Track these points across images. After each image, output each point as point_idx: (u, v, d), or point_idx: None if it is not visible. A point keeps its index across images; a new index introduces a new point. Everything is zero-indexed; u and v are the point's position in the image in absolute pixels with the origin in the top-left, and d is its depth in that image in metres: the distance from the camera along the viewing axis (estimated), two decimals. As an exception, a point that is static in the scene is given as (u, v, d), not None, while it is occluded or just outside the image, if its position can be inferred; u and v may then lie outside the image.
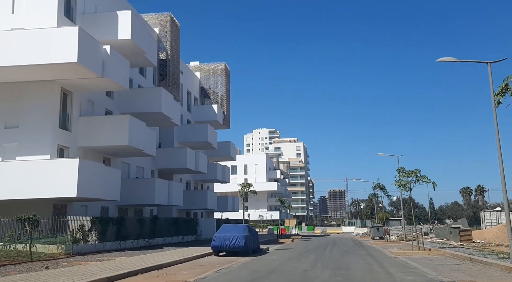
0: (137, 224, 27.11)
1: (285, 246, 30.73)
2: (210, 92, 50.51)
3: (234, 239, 20.53)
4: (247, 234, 21.12)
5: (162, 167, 37.83)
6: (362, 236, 49.71)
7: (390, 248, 26.93)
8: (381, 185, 33.10)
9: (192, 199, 42.46)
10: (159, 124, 35.64)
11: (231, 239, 20.55)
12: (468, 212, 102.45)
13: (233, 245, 20.50)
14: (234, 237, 20.57)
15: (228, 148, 51.88)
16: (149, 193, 31.11)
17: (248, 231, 21.55)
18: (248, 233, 21.30)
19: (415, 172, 22.26)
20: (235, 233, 20.86)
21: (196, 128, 43.61)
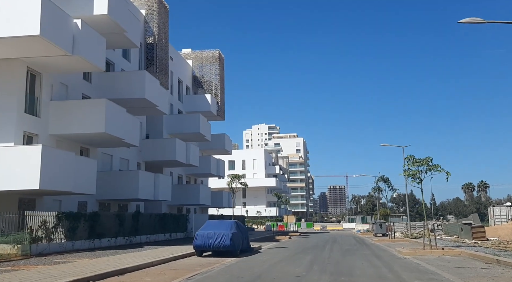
0: (116, 220, 24.25)
1: (280, 244, 27.90)
2: (203, 81, 47.61)
3: (219, 237, 17.68)
4: (234, 231, 18.27)
5: (150, 160, 34.96)
6: (363, 233, 46.88)
7: (396, 246, 24.07)
8: (385, 177, 30.16)
9: (184, 194, 39.62)
10: (145, 112, 32.74)
11: (216, 237, 17.70)
12: (471, 208, 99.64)
13: (218, 244, 17.66)
14: (219, 235, 17.72)
15: (222, 140, 49.01)
16: (132, 187, 28.25)
17: (236, 228, 18.70)
18: (235, 230, 18.45)
19: (426, 161, 19.36)
20: (221, 230, 18.01)
21: (187, 118, 40.71)
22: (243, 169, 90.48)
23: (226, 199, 49.84)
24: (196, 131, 39.84)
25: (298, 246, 25.66)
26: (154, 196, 30.86)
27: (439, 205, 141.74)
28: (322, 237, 40.04)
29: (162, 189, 31.61)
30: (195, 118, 40.21)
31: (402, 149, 33.75)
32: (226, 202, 49.87)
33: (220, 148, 49.05)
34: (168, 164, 37.20)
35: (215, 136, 49.40)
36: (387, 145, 34.08)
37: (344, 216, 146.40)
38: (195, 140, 43.97)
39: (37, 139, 22.73)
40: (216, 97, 47.20)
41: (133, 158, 33.11)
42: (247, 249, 20.55)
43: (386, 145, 34.09)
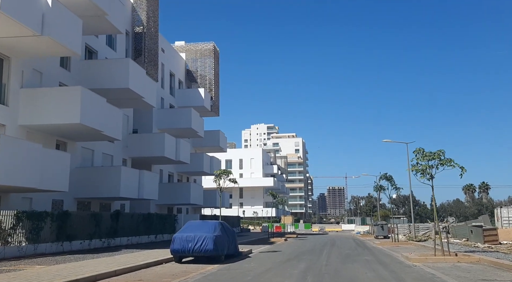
0: (91, 220, 21.77)
1: (274, 247, 25.44)
2: (197, 75, 45.17)
3: (199, 241, 15.22)
4: (218, 233, 15.81)
5: (136, 156, 32.52)
6: (363, 235, 44.43)
7: (401, 251, 21.61)
8: (388, 175, 27.67)
9: (173, 193, 37.18)
10: (131, 105, 30.25)
11: (196, 240, 15.23)
12: (472, 209, 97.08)
13: (198, 249, 15.19)
14: (200, 238, 15.26)
15: (217, 137, 46.55)
16: (113, 184, 25.80)
17: (220, 230, 16.24)
18: (220, 233, 15.99)
19: (438, 154, 16.89)
20: (202, 232, 15.55)
21: (178, 113, 38.26)
22: (240, 169, 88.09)
23: (220, 199, 47.42)
24: (188, 126, 37.42)
25: (293, 250, 23.19)
26: (139, 194, 28.42)
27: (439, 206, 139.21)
28: (320, 239, 37.59)
29: (147, 187, 29.16)
30: (186, 113, 37.79)
31: (406, 146, 31.40)
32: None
33: (214, 145, 46.61)
34: (157, 161, 34.78)
35: (208, 133, 46.96)
36: (389, 141, 31.67)
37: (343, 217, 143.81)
38: (187, 136, 41.58)
39: (4, 129, 20.29)
40: (210, 91, 44.78)
41: (118, 154, 30.67)
42: (235, 254, 18.11)
43: (389, 141, 31.69)
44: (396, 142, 32.61)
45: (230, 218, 50.33)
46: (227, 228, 17.25)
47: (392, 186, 28.06)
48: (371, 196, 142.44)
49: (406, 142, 31.46)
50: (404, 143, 31.78)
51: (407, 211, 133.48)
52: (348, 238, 40.42)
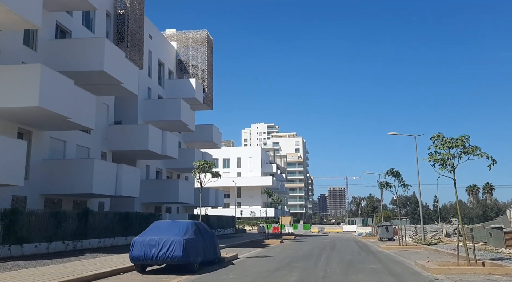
0: (51, 220, 18.61)
1: (266, 251, 22.26)
2: (188, 65, 42.04)
3: (165, 246, 12.05)
4: (190, 236, 12.63)
5: (118, 149, 29.39)
6: (366, 237, 41.21)
7: (413, 256, 18.42)
8: (395, 171, 24.49)
9: (161, 191, 34.01)
10: (111, 92, 27.06)
11: (161, 245, 12.07)
12: (477, 210, 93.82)
13: (163, 256, 12.02)
14: (166, 242, 12.09)
15: (210, 132, 43.44)
16: (84, 179, 22.67)
17: (193, 232, 13.06)
18: (192, 236, 12.81)
19: (461, 141, 13.70)
20: (169, 235, 12.38)
21: (166, 104, 35.11)
22: (238, 167, 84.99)
23: (213, 198, 44.30)
24: (176, 118, 34.28)
25: (287, 254, 20.00)
26: (116, 191, 25.29)
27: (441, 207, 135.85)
28: (319, 241, 34.40)
29: (127, 183, 26.03)
30: (175, 104, 34.64)
31: (414, 139, 28.19)
32: (213, 200, 44.33)
33: (207, 140, 43.51)
34: (141, 155, 31.66)
35: (201, 127, 43.86)
36: (396, 134, 28.53)
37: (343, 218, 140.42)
38: (177, 130, 38.47)
39: None
40: (203, 83, 41.63)
41: (96, 146, 27.54)
42: (214, 260, 14.93)
43: (395, 134, 28.55)
44: (403, 135, 29.45)
45: (224, 218, 47.20)
46: (203, 230, 14.07)
47: (400, 183, 24.87)
48: (373, 197, 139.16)
49: (414, 134, 28.40)
50: (412, 136, 28.66)
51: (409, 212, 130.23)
52: (350, 240, 37.23)
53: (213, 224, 41.68)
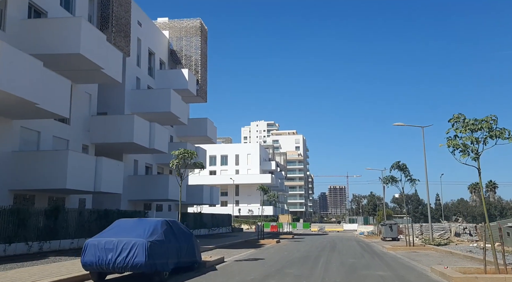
0: (10, 218, 16.21)
1: (259, 252, 19.86)
2: (181, 56, 39.63)
3: (125, 250, 9.65)
4: (157, 238, 10.22)
5: (101, 142, 27.01)
6: (368, 236, 38.80)
7: (425, 260, 16.02)
8: (402, 164, 22.07)
9: (149, 187, 31.66)
10: (91, 78, 24.67)
11: (120, 249, 9.67)
12: (480, 209, 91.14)
13: (122, 262, 9.61)
14: (127, 245, 9.68)
15: (203, 126, 41.02)
16: (58, 173, 20.31)
17: (163, 232, 10.65)
18: (161, 237, 10.40)
19: (487, 123, 11.30)
20: (131, 236, 9.99)
21: (155, 94, 32.70)
22: (236, 165, 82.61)
23: (208, 195, 41.85)
24: (166, 109, 31.87)
25: (280, 257, 17.60)
26: (95, 187, 22.92)
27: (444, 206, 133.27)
28: (318, 241, 32.01)
29: (108, 178, 23.66)
30: (165, 94, 32.23)
31: (421, 130, 25.79)
32: (207, 198, 41.88)
33: (201, 135, 41.09)
34: (128, 148, 29.29)
35: (194, 121, 41.52)
36: (401, 125, 26.11)
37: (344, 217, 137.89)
38: (168, 123, 36.07)
39: None
40: (196, 74, 39.23)
41: (76, 138, 25.16)
42: (192, 265, 12.54)
43: (401, 125, 26.12)
44: (409, 126, 27.02)
45: (219, 216, 44.81)
46: (178, 230, 11.67)
47: (406, 178, 22.41)
48: (374, 195, 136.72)
49: (421, 125, 25.96)
50: (418, 127, 26.26)
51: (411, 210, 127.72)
52: (351, 239, 34.83)
53: (207, 222, 39.34)
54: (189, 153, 14.97)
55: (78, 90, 25.59)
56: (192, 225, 35.09)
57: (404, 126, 26.78)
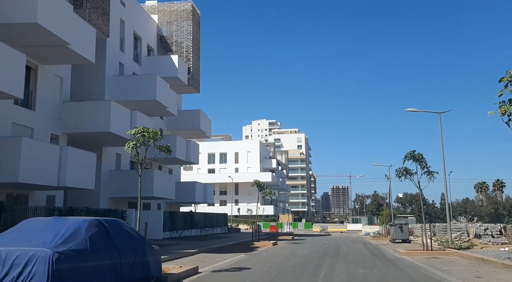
0: None
1: (247, 259, 16.35)
2: (171, 42, 36.18)
3: (16, 266, 6.15)
4: (74, 247, 6.67)
5: (73, 131, 23.56)
6: (375, 238, 35.17)
7: (457, 271, 12.47)
8: (417, 154, 18.53)
9: (133, 184, 28.14)
10: (57, 56, 21.15)
11: (8, 264, 6.17)
12: (488, 208, 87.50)
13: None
14: (20, 260, 6.19)
15: (196, 118, 37.54)
16: (8, 164, 16.89)
17: (86, 238, 7.07)
18: (82, 245, 6.85)
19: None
20: (30, 244, 6.48)
21: (139, 81, 29.23)
22: (236, 163, 79.12)
23: (201, 193, 38.35)
24: (151, 97, 28.42)
25: (272, 265, 14.09)
26: (59, 181, 19.49)
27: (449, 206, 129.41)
28: (320, 243, 28.48)
29: (75, 172, 20.21)
30: (150, 80, 28.77)
31: (438, 117, 22.11)
32: (201, 196, 38.38)
33: (193, 127, 37.62)
34: (106, 140, 25.85)
35: (186, 113, 38.13)
36: (415, 110, 22.51)
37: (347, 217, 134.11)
38: (156, 114, 32.57)
39: None
40: (187, 61, 35.75)
41: (43, 126, 21.70)
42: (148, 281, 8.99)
43: (414, 111, 22.53)
44: (423, 112, 23.40)
45: (214, 216, 41.28)
46: (118, 234, 8.12)
47: (423, 170, 18.86)
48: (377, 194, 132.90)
49: (437, 111, 22.39)
50: (435, 112, 22.60)
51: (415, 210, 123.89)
52: (356, 241, 31.29)
53: (200, 222, 35.85)
54: (150, 132, 11.48)
55: (46, 71, 22.17)
56: (181, 225, 31.62)
57: (417, 112, 23.16)
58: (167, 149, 12.37)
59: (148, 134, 11.27)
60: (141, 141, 11.32)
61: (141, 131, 11.22)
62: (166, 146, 12.51)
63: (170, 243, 23.08)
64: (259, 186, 27.48)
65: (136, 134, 11.36)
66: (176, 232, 30.22)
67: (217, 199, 79.02)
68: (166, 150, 12.13)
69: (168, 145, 12.89)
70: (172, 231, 29.62)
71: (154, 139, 11.41)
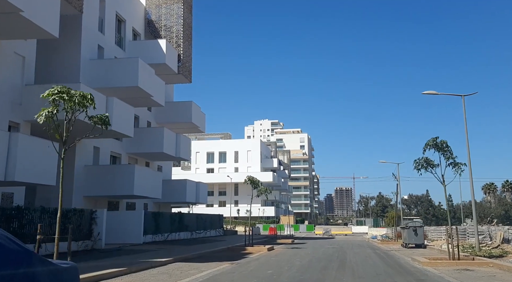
0: None
1: (228, 271, 12.84)
2: (160, 26, 32.78)
3: None
4: None
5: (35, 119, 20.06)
6: (383, 241, 31.61)
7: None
8: (441, 142, 14.98)
9: (111, 181, 24.74)
10: (12, 28, 17.75)
11: None
12: (498, 210, 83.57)
13: None
14: None
15: (188, 110, 34.11)
16: None
17: None
18: None
19: None
20: None
21: (119, 65, 25.77)
22: (236, 162, 75.67)
23: (193, 193, 34.87)
24: (133, 84, 25.03)
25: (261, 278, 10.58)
26: (6, 175, 16.10)
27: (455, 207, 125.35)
28: (323, 248, 24.95)
29: (27, 164, 16.82)
30: (131, 64, 25.38)
31: (461, 99, 18.60)
32: (193, 196, 34.90)
33: (184, 121, 34.19)
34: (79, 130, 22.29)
35: (177, 105, 34.83)
36: (434, 93, 18.99)
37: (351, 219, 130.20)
38: (141, 104, 29.18)
39: None
40: (177, 47, 32.34)
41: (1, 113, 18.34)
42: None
43: (433, 94, 19.01)
44: (444, 95, 19.88)
45: (207, 217, 37.75)
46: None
47: (447, 160, 15.32)
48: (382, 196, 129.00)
49: (461, 94, 18.88)
50: (458, 95, 19.13)
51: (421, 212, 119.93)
52: (363, 245, 27.74)
53: (190, 225, 32.35)
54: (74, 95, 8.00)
55: (3, 48, 18.84)
56: (168, 227, 28.13)
57: (438, 95, 19.63)
58: (103, 121, 8.89)
59: (69, 97, 7.81)
60: (67, 107, 7.83)
61: (58, 92, 7.74)
62: (101, 116, 9.02)
63: (147, 249, 19.61)
64: (253, 183, 23.96)
65: (51, 95, 7.89)
66: (161, 236, 26.75)
67: (216, 200, 75.54)
68: (101, 123, 8.65)
69: (105, 115, 9.39)
70: (157, 234, 26.14)
71: (82, 106, 7.94)
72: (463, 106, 18.71)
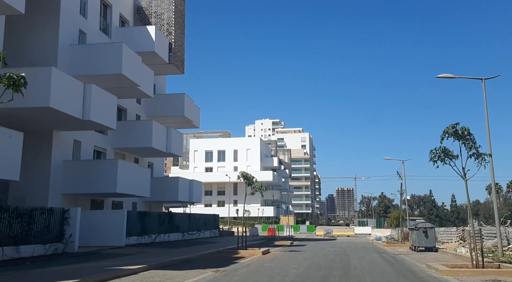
0: None
1: (212, 280, 10.49)
2: (150, 13, 30.51)
3: None
4: None
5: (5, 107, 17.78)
6: (389, 243, 29.25)
7: None
8: (462, 129, 12.60)
9: (93, 178, 22.41)
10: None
11: None
12: (503, 211, 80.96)
13: None
14: None
15: (180, 103, 31.78)
16: None
17: None
18: None
19: None
20: None
21: (102, 50, 23.41)
22: (235, 161, 73.34)
23: (186, 191, 32.50)
24: (116, 71, 22.76)
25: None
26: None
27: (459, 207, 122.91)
28: (323, 251, 22.62)
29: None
30: (114, 50, 23.11)
31: (482, 83, 16.26)
32: (186, 195, 32.52)
33: (176, 114, 31.85)
34: (52, 120, 20.05)
35: (168, 97, 32.62)
36: (450, 76, 16.62)
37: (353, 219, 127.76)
38: (127, 95, 26.87)
39: None
40: (169, 35, 30.06)
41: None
42: None
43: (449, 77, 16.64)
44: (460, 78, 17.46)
45: (200, 217, 35.43)
46: None
47: (470, 150, 13.00)
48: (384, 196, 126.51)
49: (481, 77, 16.60)
50: (477, 78, 16.82)
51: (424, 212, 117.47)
52: (368, 248, 25.42)
53: (182, 225, 30.04)
54: None
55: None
56: (156, 228, 25.83)
57: (453, 78, 17.25)
58: (14, 82, 6.57)
59: None
60: None
61: None
62: (11, 75, 6.67)
63: (126, 253, 17.30)
64: (246, 179, 21.62)
65: None
66: (148, 237, 24.45)
67: (215, 200, 73.26)
68: (13, 85, 6.33)
69: (19, 75, 7.05)
70: (142, 236, 23.83)
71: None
72: (484, 89, 16.37)
